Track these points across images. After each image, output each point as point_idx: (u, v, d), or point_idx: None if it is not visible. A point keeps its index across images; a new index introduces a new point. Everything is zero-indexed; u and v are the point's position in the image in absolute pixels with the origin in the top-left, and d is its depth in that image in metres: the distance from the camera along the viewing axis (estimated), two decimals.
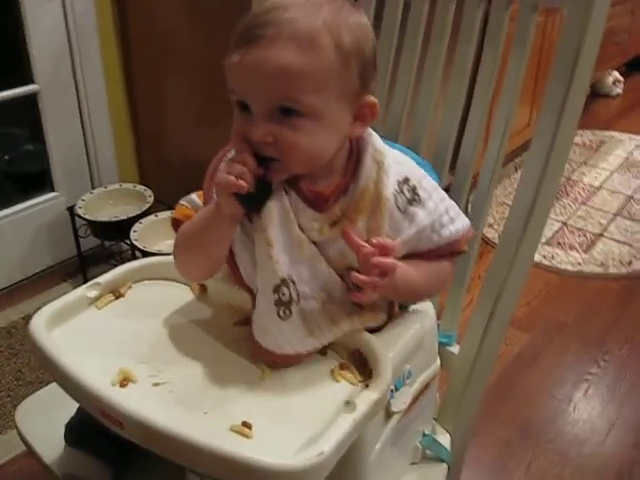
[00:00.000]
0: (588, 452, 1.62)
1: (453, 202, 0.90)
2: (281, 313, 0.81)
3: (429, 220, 0.85)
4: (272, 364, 0.83)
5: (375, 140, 0.86)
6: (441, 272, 0.91)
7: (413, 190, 0.85)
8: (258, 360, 0.83)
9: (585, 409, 1.75)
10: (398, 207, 0.84)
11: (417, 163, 0.96)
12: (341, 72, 0.76)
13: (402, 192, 0.84)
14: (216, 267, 0.87)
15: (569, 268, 2.33)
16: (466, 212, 1.09)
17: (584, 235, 2.53)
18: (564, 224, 2.60)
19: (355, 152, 0.85)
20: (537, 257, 2.34)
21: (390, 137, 1.10)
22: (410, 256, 0.86)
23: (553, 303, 2.16)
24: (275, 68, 0.73)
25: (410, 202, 0.85)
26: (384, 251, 0.77)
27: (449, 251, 0.89)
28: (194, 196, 0.92)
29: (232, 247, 0.84)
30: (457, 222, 0.88)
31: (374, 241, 0.77)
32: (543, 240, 2.46)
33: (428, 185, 0.87)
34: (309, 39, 0.74)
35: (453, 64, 1.04)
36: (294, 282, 0.82)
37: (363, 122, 0.82)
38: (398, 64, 1.11)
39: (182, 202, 0.93)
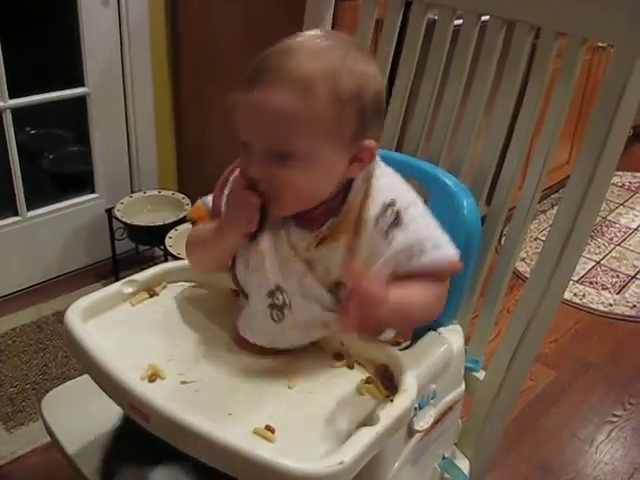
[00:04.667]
0: None
1: (443, 232, 0.88)
2: (274, 316, 0.86)
3: (407, 243, 0.84)
4: (257, 354, 0.88)
5: (371, 166, 0.87)
6: (432, 293, 0.87)
7: (397, 213, 0.85)
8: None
9: (608, 451, 1.72)
10: (379, 229, 0.84)
11: (455, 186, 0.98)
12: (335, 118, 0.78)
13: (385, 215, 0.84)
14: (219, 268, 0.95)
15: (600, 308, 2.30)
16: (499, 244, 1.09)
17: (617, 276, 2.50)
18: (598, 263, 2.57)
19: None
20: (568, 295, 2.32)
21: (431, 161, 1.10)
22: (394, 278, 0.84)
23: (581, 342, 2.13)
24: (270, 111, 0.77)
25: (393, 225, 0.84)
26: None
27: (430, 276, 0.86)
28: (210, 197, 0.96)
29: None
30: (442, 250, 0.86)
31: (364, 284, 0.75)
32: (575, 278, 2.44)
33: (416, 211, 0.87)
34: (305, 86, 0.76)
35: (497, 94, 1.05)
36: (286, 292, 0.85)
37: (360, 164, 0.84)
38: (443, 91, 1.12)
39: (200, 201, 0.98)
